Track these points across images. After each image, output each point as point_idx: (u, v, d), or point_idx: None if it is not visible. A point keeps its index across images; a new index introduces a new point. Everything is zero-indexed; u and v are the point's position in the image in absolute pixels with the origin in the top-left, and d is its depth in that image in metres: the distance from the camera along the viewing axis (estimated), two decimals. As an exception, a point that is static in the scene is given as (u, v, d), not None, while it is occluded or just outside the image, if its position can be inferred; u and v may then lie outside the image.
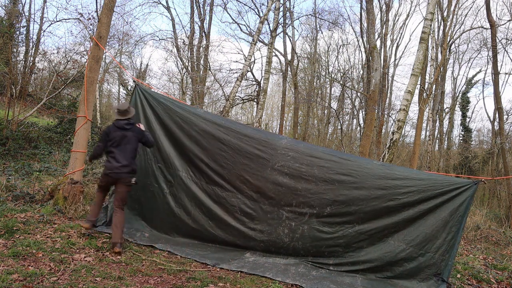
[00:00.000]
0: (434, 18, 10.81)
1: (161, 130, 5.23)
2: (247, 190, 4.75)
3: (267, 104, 34.45)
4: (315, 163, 4.58)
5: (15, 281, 3.14)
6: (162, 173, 5.11)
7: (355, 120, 27.42)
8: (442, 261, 3.85)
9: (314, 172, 4.54)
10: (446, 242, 3.89)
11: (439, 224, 3.96)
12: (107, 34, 6.27)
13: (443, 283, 3.81)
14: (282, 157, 4.70)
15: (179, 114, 5.19)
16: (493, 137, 18.04)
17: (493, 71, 13.70)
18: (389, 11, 21.84)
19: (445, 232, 3.92)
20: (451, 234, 3.89)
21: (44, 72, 16.13)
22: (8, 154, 8.78)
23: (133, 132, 4.59)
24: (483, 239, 7.96)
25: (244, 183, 4.77)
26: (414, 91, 9.13)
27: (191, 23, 19.53)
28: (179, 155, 5.11)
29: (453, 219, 3.92)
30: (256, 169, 4.75)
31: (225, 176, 4.86)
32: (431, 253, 3.92)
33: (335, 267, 4.33)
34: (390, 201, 4.16)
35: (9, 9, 14.37)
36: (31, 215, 4.93)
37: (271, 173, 4.68)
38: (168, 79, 21.28)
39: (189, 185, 4.97)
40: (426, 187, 4.06)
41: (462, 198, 3.95)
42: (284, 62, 24.43)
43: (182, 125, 5.14)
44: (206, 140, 4.99)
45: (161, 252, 4.56)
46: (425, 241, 3.97)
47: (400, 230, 4.14)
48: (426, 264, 3.90)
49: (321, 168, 4.53)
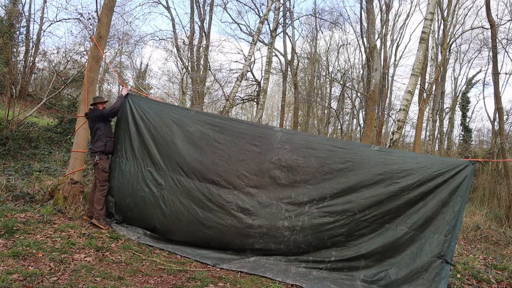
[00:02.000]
0: (434, 18, 10.81)
1: (150, 133, 5.23)
2: (244, 186, 4.73)
3: (267, 104, 34.45)
4: (312, 154, 4.59)
5: (15, 281, 3.14)
6: (153, 177, 5.09)
7: (355, 120, 27.42)
8: (445, 242, 3.82)
9: (311, 163, 4.55)
10: (447, 223, 3.86)
11: (439, 205, 3.94)
12: (107, 34, 6.27)
13: (447, 264, 3.78)
14: (279, 150, 4.71)
15: (172, 116, 5.22)
16: (493, 137, 18.05)
17: (493, 71, 13.70)
18: (389, 11, 21.84)
19: (446, 213, 3.89)
20: (452, 215, 3.86)
21: (44, 72, 16.14)
22: (8, 154, 8.78)
23: (89, 118, 5.35)
24: (483, 239, 7.96)
25: (240, 178, 4.76)
26: (414, 91, 9.12)
27: (191, 23, 19.53)
28: (170, 157, 5.08)
29: (453, 200, 3.90)
30: (252, 164, 4.75)
31: (220, 173, 4.83)
32: (434, 234, 3.89)
33: (338, 260, 4.29)
34: (390, 186, 4.14)
35: (9, 9, 14.37)
36: (31, 215, 4.93)
37: (268, 167, 4.69)
38: (168, 79, 21.28)
39: (181, 185, 4.93)
40: (424, 169, 4.06)
41: (460, 178, 3.94)
42: (284, 62, 24.43)
43: (175, 127, 5.15)
44: (200, 140, 4.99)
45: (161, 252, 4.56)
46: (427, 223, 3.95)
47: (401, 214, 4.12)
48: (429, 246, 3.88)
49: (318, 159, 4.55)
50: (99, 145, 5.18)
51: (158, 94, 18.41)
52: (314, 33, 25.60)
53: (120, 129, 5.45)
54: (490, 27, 13.59)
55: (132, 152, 5.28)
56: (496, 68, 13.70)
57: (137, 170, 5.20)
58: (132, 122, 5.37)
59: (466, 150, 22.16)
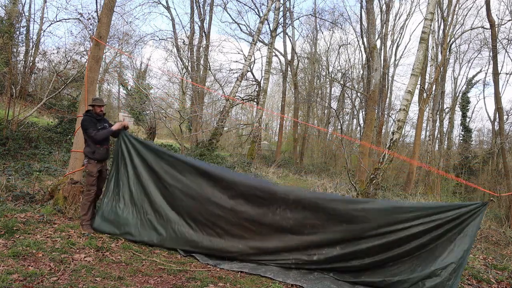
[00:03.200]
0: (434, 18, 10.81)
1: (151, 178, 5.00)
2: (248, 238, 4.56)
3: (267, 104, 34.47)
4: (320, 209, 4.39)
5: (15, 281, 3.14)
6: (152, 226, 4.83)
7: (355, 120, 27.45)
8: (449, 280, 3.84)
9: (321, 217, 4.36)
10: (454, 262, 3.86)
11: (449, 247, 3.90)
12: (107, 34, 6.27)
13: None
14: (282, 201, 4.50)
15: (171, 162, 4.97)
16: (493, 137, 18.05)
17: (494, 71, 13.71)
18: (389, 11, 21.84)
19: (454, 253, 3.87)
20: (460, 254, 3.86)
21: (44, 72, 16.15)
22: (8, 154, 8.78)
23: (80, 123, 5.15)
24: (483, 239, 7.96)
25: (245, 231, 4.58)
26: (414, 91, 9.13)
27: (191, 23, 19.54)
28: (172, 205, 4.86)
29: (462, 241, 3.86)
30: (256, 216, 4.55)
31: (223, 226, 4.62)
32: (439, 272, 3.89)
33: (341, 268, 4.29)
34: (399, 232, 4.04)
35: (9, 9, 14.37)
36: (31, 215, 4.93)
37: (273, 219, 4.50)
38: (168, 79, 21.30)
39: (184, 236, 4.70)
40: (436, 216, 3.95)
41: (471, 221, 3.90)
42: (284, 62, 24.44)
43: (175, 175, 4.90)
44: (200, 188, 4.77)
45: (161, 252, 4.55)
46: (433, 262, 3.94)
47: (411, 259, 4.07)
48: (433, 284, 3.87)
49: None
50: (87, 151, 5.00)
51: (158, 94, 18.41)
52: (314, 33, 25.62)
53: (117, 171, 5.18)
54: (490, 27, 13.60)
55: (131, 198, 5.02)
56: (496, 68, 13.71)
57: (135, 217, 4.92)
58: (129, 162, 5.08)
59: (466, 150, 22.17)
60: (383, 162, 8.55)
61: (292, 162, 22.90)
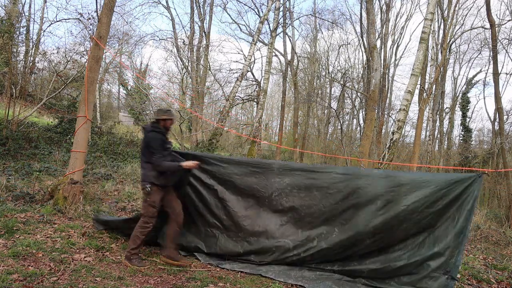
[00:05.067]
0: (434, 18, 10.81)
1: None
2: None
3: (267, 104, 34.44)
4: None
5: (15, 281, 3.14)
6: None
7: (355, 120, 27.44)
8: (451, 258, 3.82)
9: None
10: (454, 239, 3.85)
11: (447, 223, 3.91)
12: (107, 34, 6.27)
13: (453, 280, 3.78)
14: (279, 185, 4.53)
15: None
16: (493, 137, 18.05)
17: (494, 71, 13.70)
18: (390, 11, 21.85)
19: (453, 230, 3.87)
20: (459, 231, 3.85)
21: (44, 72, 16.14)
22: (8, 154, 8.77)
23: (144, 137, 4.18)
24: (483, 239, 7.95)
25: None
26: (414, 91, 9.13)
27: (191, 23, 19.54)
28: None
29: (460, 216, 3.86)
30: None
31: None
32: (441, 251, 3.88)
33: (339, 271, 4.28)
34: (397, 207, 4.02)
35: (9, 9, 14.36)
36: (31, 215, 4.93)
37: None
38: (168, 79, 21.29)
39: None
40: (432, 188, 3.97)
41: (467, 193, 3.89)
42: (284, 62, 24.43)
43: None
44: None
45: (161, 252, 4.55)
46: (435, 241, 3.93)
47: (410, 238, 4.08)
48: (436, 263, 3.86)
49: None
50: (149, 175, 4.07)
51: (158, 94, 18.41)
52: (314, 33, 25.62)
53: None
54: (490, 27, 13.58)
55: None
56: (496, 68, 13.69)
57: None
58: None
59: (466, 150, 22.16)
60: (383, 162, 8.55)
61: (292, 162, 22.86)
